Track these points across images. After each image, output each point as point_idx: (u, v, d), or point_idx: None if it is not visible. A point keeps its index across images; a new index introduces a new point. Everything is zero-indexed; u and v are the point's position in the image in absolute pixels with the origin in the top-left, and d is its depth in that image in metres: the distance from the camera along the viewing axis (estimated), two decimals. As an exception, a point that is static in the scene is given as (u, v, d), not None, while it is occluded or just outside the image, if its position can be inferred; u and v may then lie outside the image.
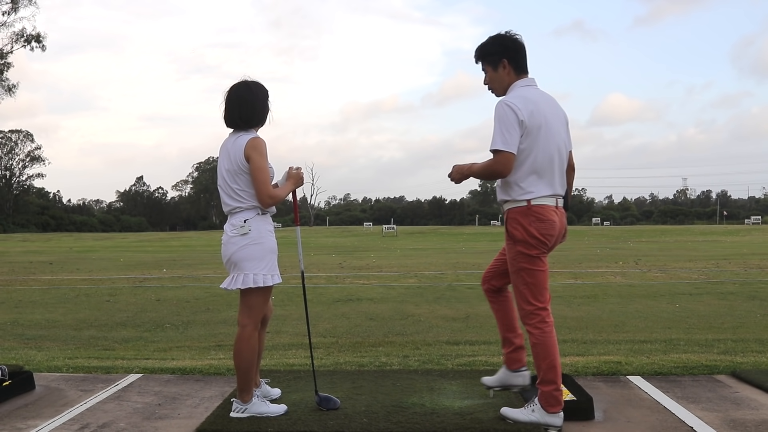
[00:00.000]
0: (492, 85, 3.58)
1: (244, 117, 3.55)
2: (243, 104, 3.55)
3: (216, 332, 7.18)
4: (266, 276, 3.54)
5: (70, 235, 62.51)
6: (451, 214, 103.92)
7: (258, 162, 3.48)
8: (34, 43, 43.44)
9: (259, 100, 3.59)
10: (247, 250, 3.51)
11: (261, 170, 3.48)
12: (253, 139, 3.51)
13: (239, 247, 3.52)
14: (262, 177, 3.48)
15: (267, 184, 3.50)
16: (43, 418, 3.69)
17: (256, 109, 3.58)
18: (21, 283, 13.83)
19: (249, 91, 3.58)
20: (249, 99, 3.56)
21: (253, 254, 3.52)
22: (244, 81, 3.61)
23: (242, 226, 3.52)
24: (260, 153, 3.49)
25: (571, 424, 3.51)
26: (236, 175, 3.53)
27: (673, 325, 7.34)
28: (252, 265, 3.52)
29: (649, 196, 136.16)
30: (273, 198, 3.53)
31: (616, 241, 33.90)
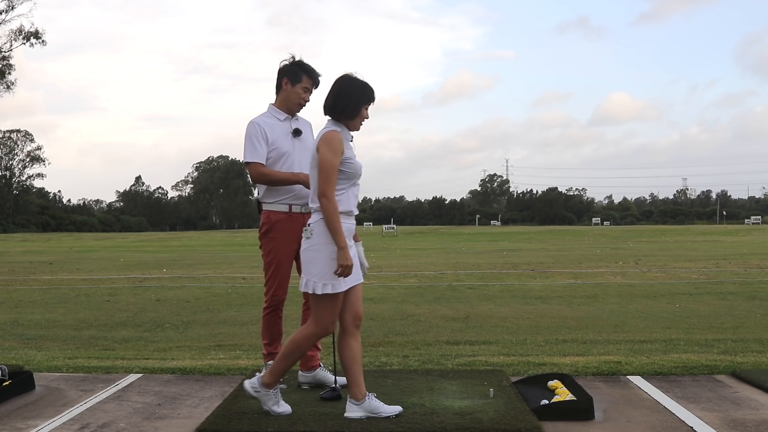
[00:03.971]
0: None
1: (326, 105, 3.47)
2: (329, 93, 3.48)
3: (216, 332, 7.18)
4: (317, 284, 3.36)
5: (70, 235, 62.50)
6: (451, 214, 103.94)
7: (324, 156, 3.34)
8: (34, 39, 43.41)
9: (342, 93, 3.45)
10: (307, 254, 3.41)
11: (325, 164, 3.33)
12: (327, 132, 3.39)
13: (302, 250, 3.43)
14: (324, 173, 3.32)
15: (327, 182, 3.32)
16: (43, 418, 3.69)
17: (338, 100, 3.45)
18: (21, 283, 13.83)
19: (337, 81, 3.50)
20: (333, 88, 3.49)
21: (311, 259, 3.39)
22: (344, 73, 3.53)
23: (306, 229, 3.42)
24: (330, 147, 3.34)
25: (571, 424, 3.51)
26: (311, 169, 3.44)
27: (673, 325, 7.34)
28: (309, 270, 3.40)
29: (649, 196, 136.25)
30: (326, 198, 3.31)
31: (616, 241, 33.90)
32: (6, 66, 43.42)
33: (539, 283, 12.25)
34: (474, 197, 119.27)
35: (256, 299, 10.22)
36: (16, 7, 42.75)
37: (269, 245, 4.11)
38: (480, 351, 5.68)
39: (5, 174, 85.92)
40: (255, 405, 3.76)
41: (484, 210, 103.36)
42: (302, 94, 4.15)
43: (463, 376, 4.44)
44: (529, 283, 12.38)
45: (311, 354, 4.16)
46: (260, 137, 4.05)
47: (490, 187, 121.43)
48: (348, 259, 3.31)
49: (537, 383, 4.13)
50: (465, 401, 3.82)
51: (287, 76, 4.14)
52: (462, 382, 4.26)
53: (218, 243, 40.08)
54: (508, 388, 4.10)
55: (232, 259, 22.27)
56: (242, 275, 14.90)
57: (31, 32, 43.21)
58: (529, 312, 8.43)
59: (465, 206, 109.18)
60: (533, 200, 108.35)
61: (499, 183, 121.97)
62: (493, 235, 46.64)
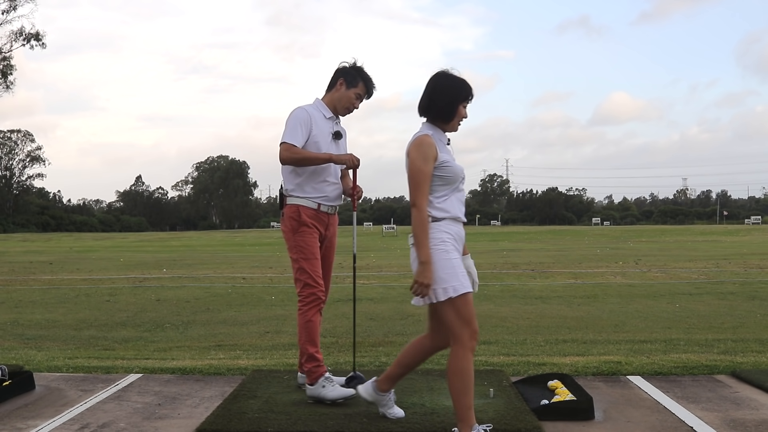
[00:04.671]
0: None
1: (420, 106, 3.25)
2: (424, 92, 3.24)
3: (216, 332, 7.18)
4: (435, 290, 3.09)
5: (70, 235, 62.50)
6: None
7: (413, 162, 3.11)
8: (34, 41, 43.40)
9: (438, 91, 3.20)
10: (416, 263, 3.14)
11: (414, 172, 3.11)
12: (418, 137, 3.16)
13: (412, 259, 3.16)
14: (413, 181, 3.10)
15: (417, 190, 3.08)
16: (43, 418, 3.69)
17: (433, 99, 3.20)
18: (21, 283, 13.83)
19: (432, 79, 3.24)
20: (428, 87, 3.23)
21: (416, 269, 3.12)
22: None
23: (411, 236, 3.15)
24: (420, 153, 3.10)
25: (571, 424, 3.51)
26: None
27: (673, 325, 7.34)
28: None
29: (649, 196, 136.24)
30: (417, 207, 3.06)
31: (616, 241, 33.90)
32: (7, 66, 43.41)
33: (539, 283, 12.25)
34: (474, 197, 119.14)
35: (256, 299, 10.23)
36: (18, 8, 42.72)
37: (302, 239, 3.94)
38: (480, 351, 5.68)
39: (5, 174, 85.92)
40: (255, 405, 3.76)
41: (484, 210, 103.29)
42: (354, 100, 4.08)
43: (463, 376, 4.43)
44: (529, 283, 12.38)
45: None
46: (305, 125, 3.93)
47: (490, 187, 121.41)
48: (427, 277, 3.04)
49: (537, 383, 4.13)
50: (465, 401, 3.82)
51: (344, 78, 4.05)
52: (462, 382, 4.25)
53: (218, 243, 40.09)
54: (508, 388, 4.10)
55: (232, 259, 22.27)
56: (242, 275, 14.90)
57: (31, 34, 43.21)
58: (529, 312, 8.43)
59: (465, 206, 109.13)
60: (533, 200, 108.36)
61: (499, 183, 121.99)
62: (493, 235, 46.63)
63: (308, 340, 3.90)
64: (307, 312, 3.94)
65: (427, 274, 3.04)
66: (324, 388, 3.80)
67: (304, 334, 3.92)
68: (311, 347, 3.89)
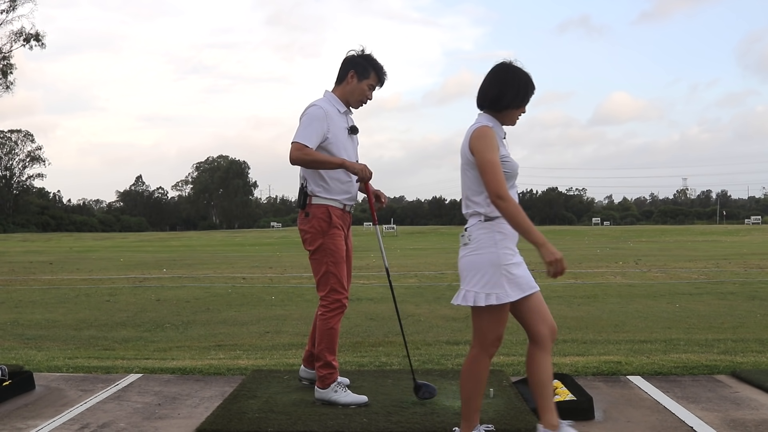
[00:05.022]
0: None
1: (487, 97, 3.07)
2: (491, 84, 3.07)
3: (216, 332, 7.18)
4: (478, 295, 2.98)
5: (70, 235, 62.50)
6: (451, 214, 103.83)
7: (482, 154, 2.95)
8: (34, 41, 43.39)
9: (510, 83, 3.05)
10: (465, 262, 3.04)
11: (486, 163, 2.94)
12: (479, 128, 3.00)
13: (459, 258, 3.09)
14: (489, 172, 2.92)
15: (497, 181, 2.91)
16: (43, 418, 3.69)
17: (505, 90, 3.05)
18: (21, 283, 13.83)
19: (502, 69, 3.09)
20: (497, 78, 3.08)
21: (470, 267, 3.02)
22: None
23: (462, 236, 3.07)
24: (486, 144, 2.95)
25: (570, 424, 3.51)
26: (464, 170, 3.08)
27: (673, 325, 7.34)
28: (469, 280, 3.03)
29: (649, 196, 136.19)
30: (503, 198, 2.90)
31: (616, 241, 33.90)
32: (7, 66, 43.41)
33: (539, 283, 12.22)
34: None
35: (256, 299, 10.23)
36: (18, 8, 42.71)
37: (332, 242, 3.81)
38: (480, 351, 5.68)
39: (5, 174, 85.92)
40: (255, 405, 3.76)
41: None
42: (367, 92, 3.92)
43: (463, 376, 4.43)
44: (529, 283, 12.36)
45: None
46: (321, 125, 3.75)
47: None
48: (554, 253, 2.90)
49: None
50: (465, 401, 3.82)
51: (354, 69, 3.87)
52: (462, 382, 4.26)
53: (218, 243, 40.09)
54: (508, 388, 4.10)
55: (232, 259, 22.28)
56: (242, 275, 14.90)
57: (31, 34, 43.18)
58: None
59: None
60: (533, 200, 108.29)
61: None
62: (493, 235, 46.58)
63: (328, 348, 3.81)
64: (330, 319, 3.83)
65: (552, 251, 2.90)
66: (336, 393, 3.79)
67: (325, 340, 3.81)
68: (329, 355, 3.81)
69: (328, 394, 3.80)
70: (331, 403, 3.79)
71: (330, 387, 3.81)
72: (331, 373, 3.82)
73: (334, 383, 3.82)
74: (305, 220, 3.87)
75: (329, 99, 3.91)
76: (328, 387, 3.81)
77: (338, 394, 3.80)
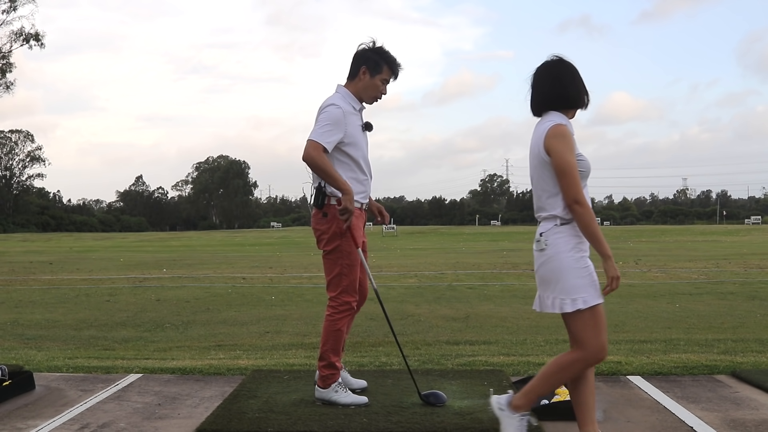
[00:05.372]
0: None
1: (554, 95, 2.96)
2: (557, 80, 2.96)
3: (216, 332, 7.18)
4: (564, 301, 2.91)
5: (70, 235, 62.50)
6: (451, 214, 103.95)
7: (561, 155, 2.82)
8: (33, 41, 43.39)
9: (576, 79, 2.98)
10: (546, 269, 2.94)
11: (565, 165, 2.82)
12: (556, 126, 2.87)
13: (538, 265, 2.98)
14: (568, 175, 2.82)
15: (575, 185, 2.82)
16: (43, 418, 3.69)
17: (573, 87, 2.96)
18: (21, 283, 13.83)
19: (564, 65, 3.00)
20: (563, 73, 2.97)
21: (551, 273, 2.93)
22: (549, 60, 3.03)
23: (538, 241, 2.96)
24: (566, 144, 2.83)
25: (571, 424, 3.51)
26: (538, 171, 2.94)
27: (673, 325, 7.34)
28: (553, 287, 2.94)
29: (650, 196, 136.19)
30: (581, 204, 2.82)
31: (616, 241, 33.89)
32: (6, 65, 43.41)
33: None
34: (474, 197, 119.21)
35: (256, 299, 10.23)
36: (18, 8, 42.70)
37: (350, 243, 3.74)
38: (480, 351, 5.68)
39: (5, 174, 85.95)
40: (255, 405, 3.76)
41: (484, 210, 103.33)
42: (380, 87, 3.80)
43: (463, 376, 4.44)
44: (529, 283, 12.37)
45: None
46: (339, 126, 3.65)
47: (490, 187, 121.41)
48: (617, 269, 2.89)
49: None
50: (465, 401, 3.82)
51: (366, 65, 3.75)
52: (462, 382, 4.26)
53: (218, 243, 40.09)
54: (508, 388, 4.09)
55: (232, 259, 22.28)
56: (242, 275, 14.90)
57: (31, 34, 43.19)
58: (529, 312, 8.43)
59: (465, 206, 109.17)
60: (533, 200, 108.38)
61: (499, 183, 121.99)
62: (493, 235, 46.65)
63: (332, 349, 3.79)
64: (338, 321, 3.79)
65: (614, 267, 2.88)
66: (336, 393, 3.78)
67: (330, 341, 3.78)
68: (333, 356, 3.80)
69: (328, 394, 3.80)
70: (331, 403, 3.79)
71: (331, 387, 3.80)
72: (334, 373, 3.82)
73: (335, 383, 3.82)
74: (322, 220, 3.79)
75: (344, 96, 3.79)
76: (329, 387, 3.80)
77: (339, 395, 3.79)
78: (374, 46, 3.80)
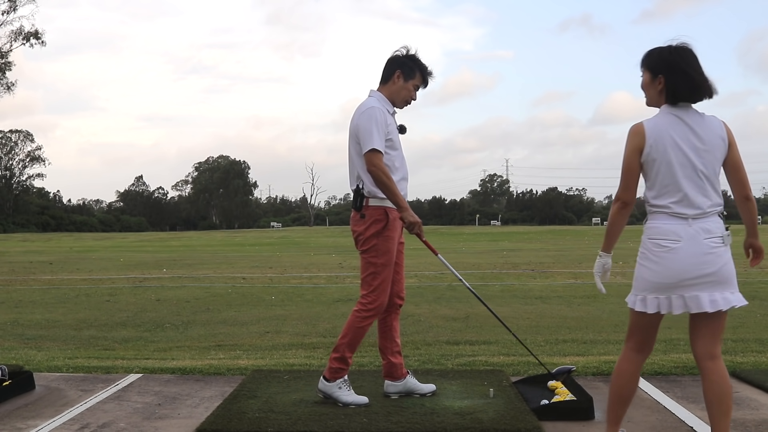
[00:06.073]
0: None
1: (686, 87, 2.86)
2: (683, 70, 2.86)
3: (216, 332, 7.18)
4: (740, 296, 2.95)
5: (70, 235, 62.50)
6: (451, 214, 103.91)
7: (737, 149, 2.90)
8: (34, 40, 43.39)
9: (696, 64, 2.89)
10: (729, 266, 2.86)
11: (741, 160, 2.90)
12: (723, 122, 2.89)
13: (724, 262, 2.83)
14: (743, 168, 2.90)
15: (747, 180, 2.89)
16: (43, 418, 3.69)
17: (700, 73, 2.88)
18: (21, 283, 13.83)
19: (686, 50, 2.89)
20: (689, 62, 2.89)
21: (730, 270, 2.87)
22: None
23: (728, 235, 2.85)
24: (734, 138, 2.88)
25: (571, 424, 3.52)
26: (717, 166, 2.86)
27: (673, 325, 7.32)
28: (727, 284, 2.88)
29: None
30: (750, 200, 2.90)
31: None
32: (5, 64, 43.42)
33: (539, 283, 12.25)
34: (474, 197, 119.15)
35: (256, 299, 10.23)
36: (18, 8, 42.72)
37: (386, 244, 3.81)
38: (480, 351, 5.68)
39: (5, 174, 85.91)
40: (255, 405, 3.77)
41: (484, 210, 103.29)
42: (413, 92, 3.94)
43: (463, 376, 4.44)
44: (529, 283, 12.38)
45: (397, 362, 4.01)
46: (384, 128, 3.76)
47: (490, 187, 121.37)
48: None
49: (537, 383, 4.13)
50: (465, 401, 3.83)
51: (401, 70, 3.89)
52: (462, 382, 4.26)
53: (218, 243, 40.09)
54: (508, 388, 4.10)
55: (232, 259, 22.28)
56: (242, 275, 14.90)
57: (31, 33, 43.18)
58: (529, 312, 8.43)
59: (465, 206, 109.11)
60: (533, 200, 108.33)
61: (499, 183, 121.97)
62: (493, 235, 46.65)
63: (350, 344, 3.82)
64: (365, 318, 3.83)
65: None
66: (340, 390, 3.79)
67: (349, 336, 3.81)
68: (349, 351, 3.83)
69: (332, 388, 3.79)
70: (331, 399, 3.79)
71: (336, 382, 3.79)
72: (343, 369, 3.82)
73: (341, 380, 3.81)
74: (360, 222, 3.85)
75: (379, 99, 3.89)
76: (335, 381, 3.80)
77: (342, 391, 3.79)
78: (408, 53, 3.94)
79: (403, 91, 3.91)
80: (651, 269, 2.90)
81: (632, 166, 2.89)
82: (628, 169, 2.91)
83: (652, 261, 2.91)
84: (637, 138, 2.86)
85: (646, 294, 2.90)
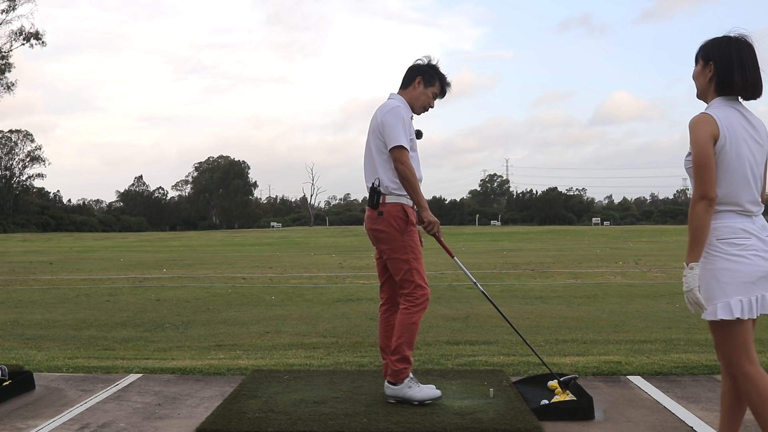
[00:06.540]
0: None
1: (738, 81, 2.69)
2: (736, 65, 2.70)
3: (216, 332, 7.18)
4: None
5: (70, 235, 62.50)
6: (451, 214, 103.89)
7: None
8: (34, 40, 43.40)
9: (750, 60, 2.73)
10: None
11: None
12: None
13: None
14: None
15: None
16: (43, 418, 3.69)
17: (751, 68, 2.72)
18: (21, 283, 13.83)
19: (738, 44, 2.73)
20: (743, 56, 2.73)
21: None
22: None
23: None
24: None
25: (571, 424, 3.52)
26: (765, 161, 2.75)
27: (673, 325, 7.34)
28: None
29: (650, 196, 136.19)
30: None
31: (616, 241, 33.89)
32: (5, 65, 43.42)
33: (539, 283, 12.25)
34: (474, 197, 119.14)
35: (256, 299, 10.23)
36: (17, 8, 42.74)
37: (411, 239, 3.84)
38: (480, 351, 5.68)
39: (5, 174, 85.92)
40: (255, 405, 3.77)
41: (484, 210, 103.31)
42: (431, 99, 4.02)
43: (463, 376, 4.44)
44: (529, 283, 12.38)
45: None
46: (409, 126, 3.84)
47: (490, 187, 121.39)
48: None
49: (537, 383, 4.13)
50: (465, 401, 3.83)
51: (422, 76, 3.98)
52: (462, 382, 4.26)
53: (218, 243, 40.09)
54: (508, 388, 4.10)
55: (232, 259, 22.27)
56: (242, 275, 14.90)
57: (31, 33, 43.20)
58: (529, 312, 8.43)
59: (465, 206, 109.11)
60: (533, 200, 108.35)
61: (499, 183, 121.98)
62: (493, 235, 46.64)
63: (407, 342, 3.80)
64: (415, 314, 3.82)
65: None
66: (410, 389, 3.78)
67: (406, 334, 3.80)
68: (408, 349, 3.81)
69: (402, 390, 3.76)
70: (405, 401, 3.75)
71: (404, 383, 3.77)
72: (407, 368, 3.80)
73: (408, 378, 3.79)
74: (378, 220, 3.87)
75: (402, 102, 3.95)
76: (402, 382, 3.77)
77: (413, 390, 3.76)
78: (430, 62, 4.04)
79: (422, 97, 3.98)
80: (731, 270, 2.64)
81: (710, 158, 2.59)
82: (706, 162, 2.59)
83: (730, 261, 2.63)
84: (711, 126, 2.60)
85: (729, 299, 2.68)
